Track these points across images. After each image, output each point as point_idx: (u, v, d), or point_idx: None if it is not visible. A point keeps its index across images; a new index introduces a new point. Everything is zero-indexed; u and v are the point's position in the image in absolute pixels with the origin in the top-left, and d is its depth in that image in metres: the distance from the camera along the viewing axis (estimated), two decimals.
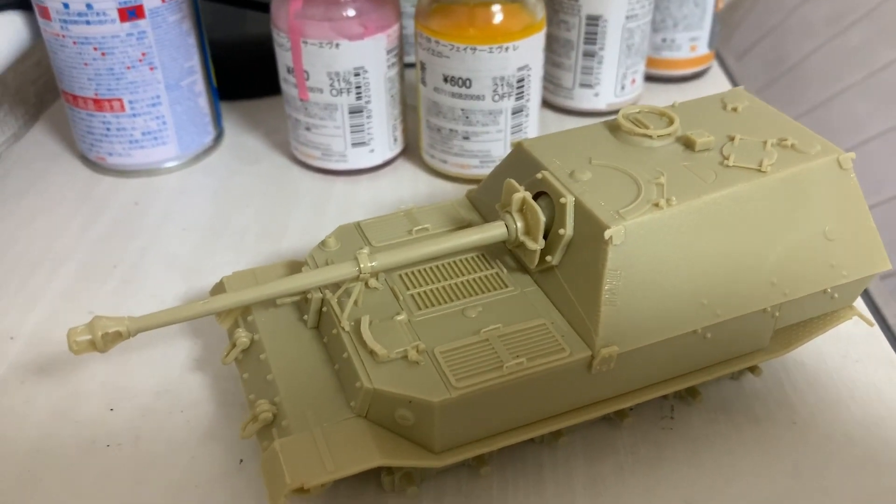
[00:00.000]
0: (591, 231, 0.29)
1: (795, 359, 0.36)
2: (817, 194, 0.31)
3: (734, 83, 0.80)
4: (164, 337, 0.37)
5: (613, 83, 0.52)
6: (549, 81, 0.54)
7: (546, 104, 0.55)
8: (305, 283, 0.29)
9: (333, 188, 0.48)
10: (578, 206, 0.30)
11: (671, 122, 0.33)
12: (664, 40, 0.57)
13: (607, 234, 0.28)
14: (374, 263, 0.30)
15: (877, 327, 0.38)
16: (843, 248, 0.32)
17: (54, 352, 0.37)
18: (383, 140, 0.48)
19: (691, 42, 0.57)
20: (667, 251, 0.29)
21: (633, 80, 0.53)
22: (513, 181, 0.31)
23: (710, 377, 0.31)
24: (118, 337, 0.27)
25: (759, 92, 0.78)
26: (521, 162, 0.34)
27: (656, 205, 0.29)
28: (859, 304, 0.40)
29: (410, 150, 0.51)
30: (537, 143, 0.34)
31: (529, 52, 0.44)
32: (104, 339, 0.27)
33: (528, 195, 0.31)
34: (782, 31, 0.80)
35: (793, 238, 0.31)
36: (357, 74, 0.45)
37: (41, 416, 0.33)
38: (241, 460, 0.31)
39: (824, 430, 0.33)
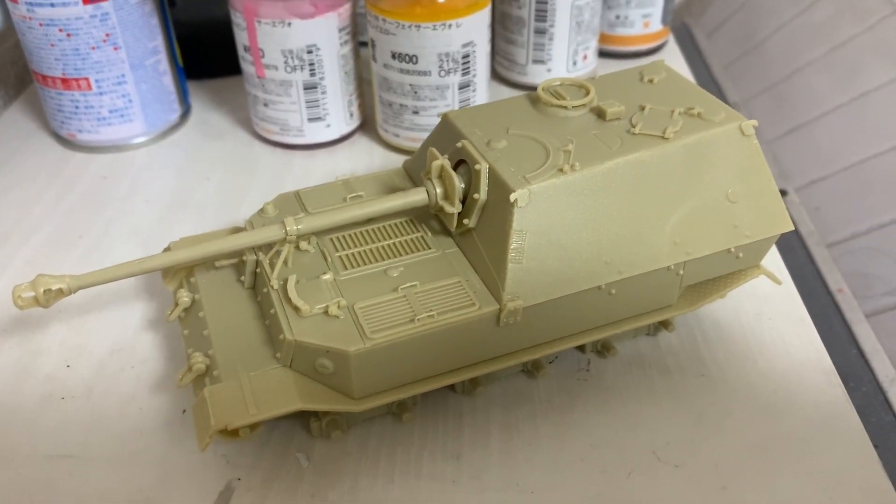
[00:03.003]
0: (501, 194, 0.31)
1: (711, 316, 0.38)
2: (719, 159, 0.33)
3: (701, 59, 0.81)
4: (121, 300, 0.40)
5: (565, 59, 0.54)
6: (504, 58, 0.56)
7: (502, 79, 0.57)
8: (236, 244, 0.32)
9: (292, 162, 0.50)
10: (492, 172, 0.32)
11: (587, 93, 0.35)
12: (618, 17, 0.58)
13: (512, 196, 0.30)
14: (299, 226, 0.32)
15: (791, 287, 0.40)
16: (745, 210, 0.34)
17: (17, 313, 0.39)
18: (339, 115, 0.50)
19: (644, 18, 0.58)
20: (570, 213, 0.31)
21: (585, 56, 0.55)
22: (434, 150, 0.34)
23: (620, 330, 0.34)
24: (60, 294, 0.30)
25: (726, 67, 0.79)
26: (446, 132, 0.36)
27: (561, 170, 0.31)
28: (776, 263, 0.42)
29: (368, 125, 0.53)
30: (461, 115, 0.36)
31: (474, 28, 0.46)
32: (46, 296, 0.30)
33: (447, 162, 0.33)
34: (750, 8, 0.81)
35: (695, 200, 0.33)
36: (310, 52, 0.47)
37: (2, 372, 0.36)
38: (184, 410, 0.34)
39: (730, 382, 0.35)
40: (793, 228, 0.35)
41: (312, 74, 0.48)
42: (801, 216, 0.61)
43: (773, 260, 0.42)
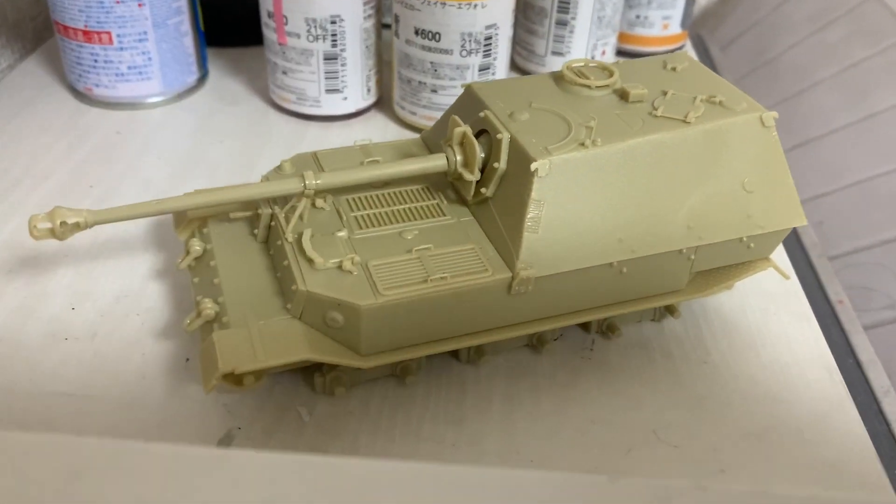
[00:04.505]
0: (521, 164, 0.31)
1: (716, 308, 0.38)
2: (738, 148, 0.33)
3: (712, 68, 0.82)
4: (129, 249, 0.40)
5: (584, 52, 0.55)
6: (523, 48, 0.56)
7: (519, 69, 0.58)
8: (255, 192, 0.32)
9: (307, 132, 0.50)
10: (513, 142, 0.32)
11: (611, 75, 0.36)
12: (638, 17, 0.59)
13: (533, 166, 0.31)
14: (318, 181, 0.32)
15: (797, 285, 0.40)
16: (760, 200, 0.34)
17: (25, 256, 0.39)
18: (356, 89, 0.50)
19: (664, 20, 0.59)
20: (588, 188, 0.31)
21: (604, 52, 0.56)
22: (456, 117, 0.34)
23: (627, 311, 0.34)
24: (76, 227, 0.30)
25: (737, 81, 0.80)
26: (469, 103, 0.36)
27: (582, 144, 0.31)
28: (783, 262, 0.42)
29: (384, 104, 0.54)
30: (485, 87, 0.36)
31: (498, 11, 0.46)
32: (62, 228, 0.29)
33: (469, 130, 0.33)
34: (765, 25, 0.82)
35: (711, 186, 0.33)
36: (333, 22, 0.47)
37: (6, 311, 0.36)
38: (188, 359, 0.34)
39: (732, 371, 0.35)
40: (806, 223, 0.35)
41: (334, 45, 0.48)
42: (805, 228, 0.62)
43: (781, 259, 0.42)
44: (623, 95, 0.35)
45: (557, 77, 0.36)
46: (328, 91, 0.49)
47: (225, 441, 0.31)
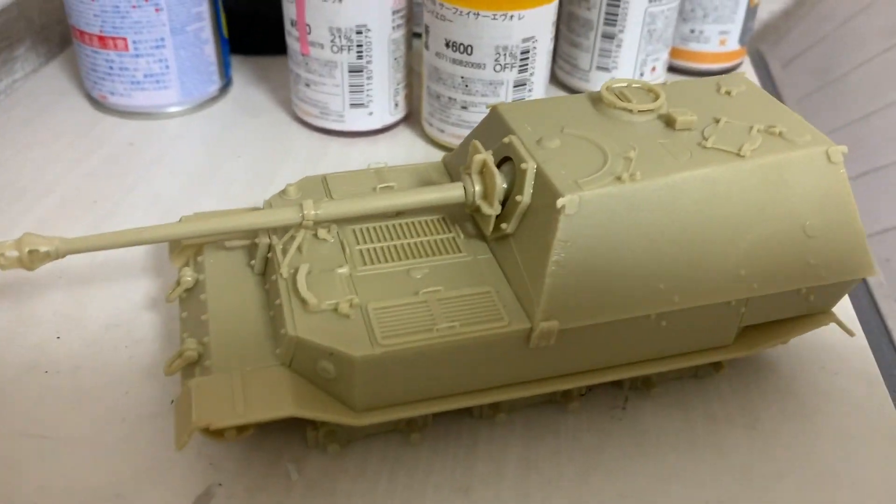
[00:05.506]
0: (547, 199, 0.28)
1: (767, 363, 0.34)
2: (800, 186, 0.29)
3: (774, 90, 0.77)
4: (126, 273, 0.37)
5: (632, 69, 0.50)
6: (566, 62, 0.52)
7: (561, 84, 0.54)
8: (246, 222, 0.29)
9: (329, 148, 0.47)
10: (539, 173, 0.28)
11: (656, 97, 0.32)
12: (692, 31, 0.54)
13: (560, 202, 0.27)
14: (318, 211, 0.29)
15: (863, 340, 0.35)
16: (823, 246, 0.30)
17: (18, 275, 0.36)
18: (383, 104, 0.47)
19: (721, 35, 0.54)
20: (625, 228, 0.27)
21: (654, 69, 0.51)
22: (477, 143, 0.30)
23: (665, 368, 0.30)
24: (46, 257, 0.27)
25: (800, 100, 0.74)
26: (494, 126, 0.32)
27: (619, 178, 0.27)
28: (846, 313, 0.37)
29: (413, 119, 0.50)
30: (512, 108, 0.32)
31: (537, 23, 0.42)
32: (31, 257, 0.27)
33: (490, 158, 0.29)
34: (832, 40, 0.76)
35: (768, 229, 0.29)
36: (359, 32, 0.44)
37: None
38: (173, 401, 0.31)
39: (784, 441, 0.31)
40: (875, 274, 0.30)
41: (360, 57, 0.44)
42: None
43: (844, 309, 0.37)
44: (669, 122, 0.31)
45: (595, 99, 0.32)
46: (353, 105, 0.46)
47: (203, 500, 0.27)
